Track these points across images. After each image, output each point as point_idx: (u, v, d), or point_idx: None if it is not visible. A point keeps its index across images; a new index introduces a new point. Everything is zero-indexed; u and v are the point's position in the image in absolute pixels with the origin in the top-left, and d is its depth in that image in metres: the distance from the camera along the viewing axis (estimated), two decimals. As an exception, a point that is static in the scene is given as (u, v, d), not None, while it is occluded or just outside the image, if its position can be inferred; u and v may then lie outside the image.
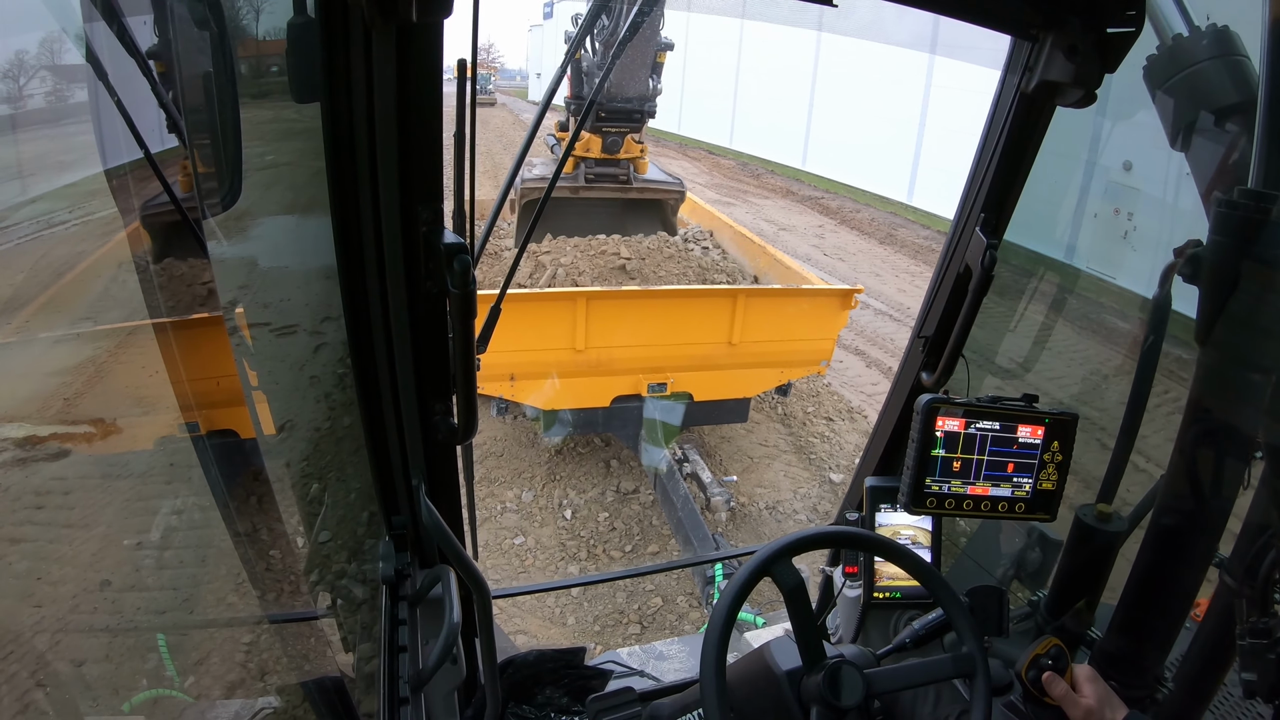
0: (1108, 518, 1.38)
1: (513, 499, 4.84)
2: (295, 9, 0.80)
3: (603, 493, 4.91)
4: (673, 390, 4.68)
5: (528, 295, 4.72)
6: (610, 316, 4.46)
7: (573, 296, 4.45)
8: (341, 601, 1.43)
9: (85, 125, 1.35)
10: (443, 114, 0.89)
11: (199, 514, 2.19)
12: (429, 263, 0.93)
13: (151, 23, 1.40)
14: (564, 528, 4.63)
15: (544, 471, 5.08)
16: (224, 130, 0.95)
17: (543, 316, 4.39)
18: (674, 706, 1.33)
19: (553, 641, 3.76)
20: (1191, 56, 1.17)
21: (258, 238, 1.33)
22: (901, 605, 1.66)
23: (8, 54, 1.68)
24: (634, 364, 4.61)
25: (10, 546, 1.93)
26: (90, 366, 2.21)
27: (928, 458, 1.34)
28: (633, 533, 4.59)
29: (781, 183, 15.82)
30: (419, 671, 1.00)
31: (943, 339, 1.52)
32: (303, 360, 1.38)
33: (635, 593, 4.07)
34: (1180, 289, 1.23)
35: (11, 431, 1.95)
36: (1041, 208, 1.82)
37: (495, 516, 4.70)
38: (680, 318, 4.65)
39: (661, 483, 4.64)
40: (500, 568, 4.30)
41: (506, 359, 4.40)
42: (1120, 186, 1.57)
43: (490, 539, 4.50)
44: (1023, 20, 1.21)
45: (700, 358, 4.67)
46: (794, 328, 4.78)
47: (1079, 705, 1.15)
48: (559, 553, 4.43)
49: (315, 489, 1.42)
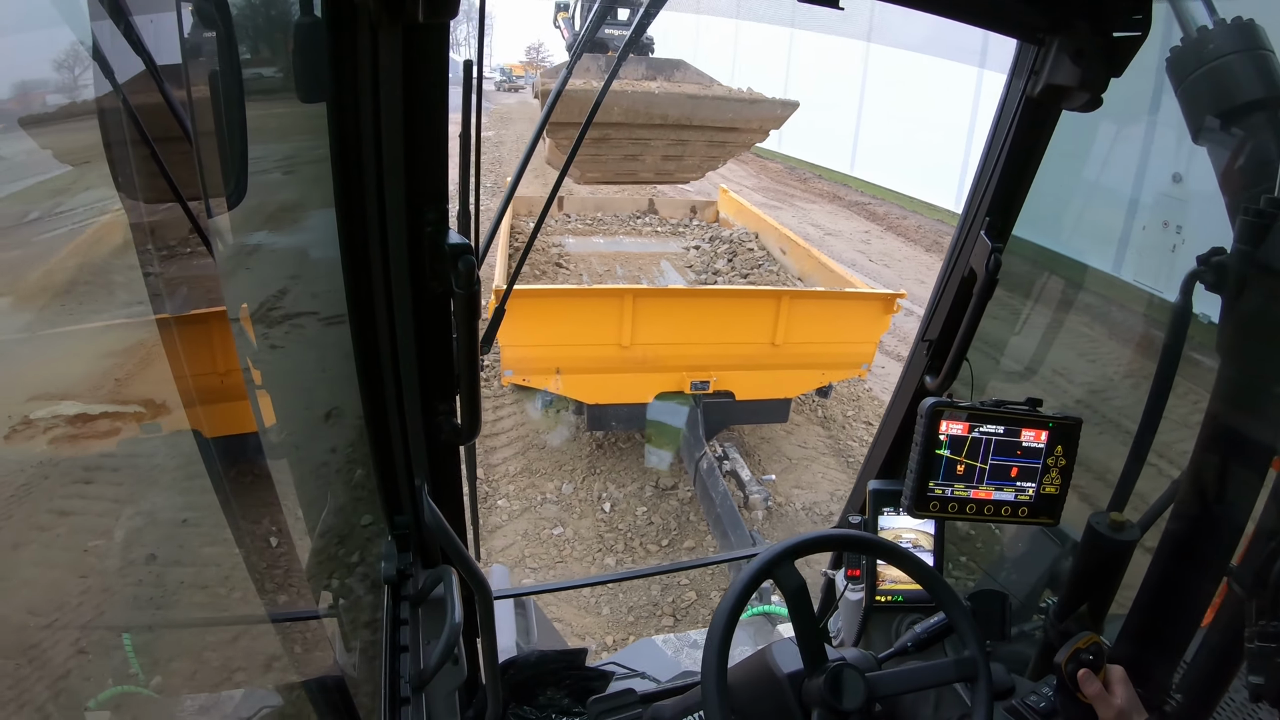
0: (1121, 526, 1.36)
1: (553, 490, 4.92)
2: (302, 9, 0.80)
3: (642, 488, 4.97)
4: (715, 388, 4.78)
5: (575, 290, 4.91)
6: (656, 314, 4.58)
7: (620, 293, 4.57)
8: (343, 601, 1.43)
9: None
10: (448, 115, 0.89)
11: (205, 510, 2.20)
12: (434, 263, 0.93)
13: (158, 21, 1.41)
14: (602, 520, 4.69)
15: (585, 465, 5.15)
16: (230, 129, 0.95)
17: (589, 312, 4.53)
18: (675, 708, 1.33)
19: (587, 630, 3.82)
20: (1215, 50, 1.14)
21: (263, 236, 1.33)
22: (903, 609, 1.66)
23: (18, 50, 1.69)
24: (678, 361, 4.71)
25: (59, 519, 2.01)
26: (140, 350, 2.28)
27: (931, 461, 1.34)
28: (670, 528, 4.64)
29: (829, 187, 15.75)
30: (420, 671, 1.00)
31: (947, 342, 1.51)
32: (306, 359, 1.38)
33: (670, 586, 4.12)
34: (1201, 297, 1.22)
35: (64, 409, 2.01)
36: (1090, 219, 1.81)
37: (535, 507, 4.77)
38: (724, 317, 4.75)
39: (701, 479, 4.69)
40: (538, 557, 4.35)
41: (553, 353, 4.54)
42: (1169, 199, 1.55)
43: (530, 528, 4.56)
44: (1029, 24, 1.21)
45: (743, 357, 4.76)
46: (836, 330, 4.84)
47: (1111, 706, 1.14)
48: (596, 544, 4.48)
49: (318, 488, 1.42)
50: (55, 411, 2.06)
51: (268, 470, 1.45)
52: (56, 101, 1.83)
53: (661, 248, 7.35)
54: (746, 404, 4.93)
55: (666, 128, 5.12)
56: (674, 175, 5.85)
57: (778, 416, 5.20)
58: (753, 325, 4.68)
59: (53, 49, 1.72)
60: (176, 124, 1.36)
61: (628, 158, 5.43)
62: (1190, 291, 1.23)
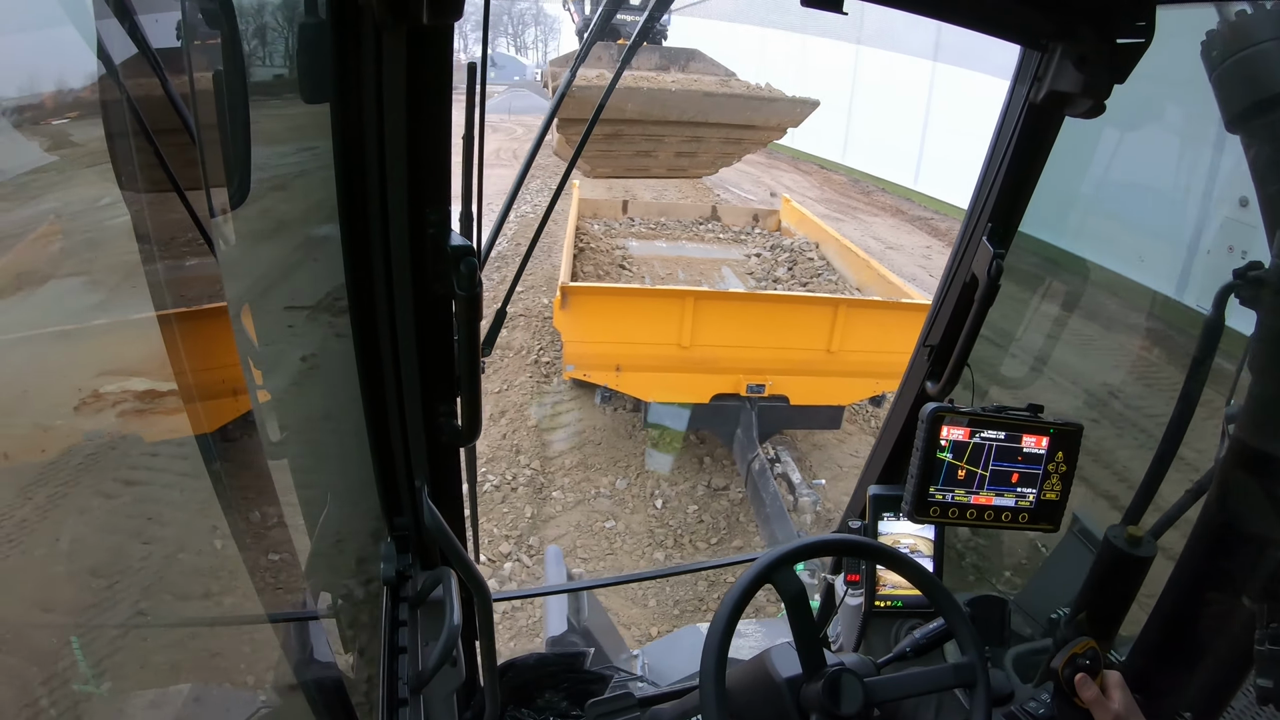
0: (1137, 541, 1.35)
1: (607, 485, 4.99)
2: (306, 9, 0.80)
3: (694, 486, 5.01)
4: (770, 392, 4.86)
5: (639, 290, 5.07)
6: (716, 316, 4.69)
7: (681, 294, 4.73)
8: (342, 602, 1.43)
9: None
10: (452, 117, 0.89)
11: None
12: (436, 265, 0.93)
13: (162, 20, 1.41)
14: (654, 516, 4.75)
15: (639, 462, 5.21)
16: (233, 129, 0.95)
17: (651, 312, 4.73)
18: (674, 712, 1.33)
19: (633, 621, 3.86)
20: (1251, 36, 1.09)
21: (265, 236, 1.33)
22: (903, 614, 1.65)
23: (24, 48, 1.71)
24: (735, 364, 4.80)
25: (125, 488, 2.12)
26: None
27: (932, 466, 1.34)
28: (719, 526, 4.69)
29: (892, 201, 15.60)
30: (419, 673, 1.00)
31: (948, 348, 1.51)
32: (308, 359, 1.38)
33: (716, 583, 4.16)
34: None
35: (134, 385, 2.05)
36: (1155, 243, 1.79)
37: (589, 500, 4.86)
38: (782, 322, 4.83)
39: (753, 479, 4.76)
40: (590, 548, 4.43)
41: (613, 350, 4.70)
42: (1236, 223, 1.53)
43: (582, 520, 4.67)
44: (1032, 30, 1.21)
45: (799, 363, 4.83)
46: (891, 340, 4.86)
47: (1108, 711, 1.14)
48: (647, 539, 4.54)
49: (317, 488, 1.41)
50: (124, 386, 2.12)
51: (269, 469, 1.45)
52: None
53: (723, 254, 7.44)
54: (800, 409, 4.99)
55: (682, 124, 5.13)
56: (687, 171, 5.86)
57: (830, 423, 5.28)
58: (809, 332, 4.76)
59: (56, 47, 1.73)
60: (180, 123, 1.36)
61: (640, 154, 5.44)
62: (1223, 305, 1.20)
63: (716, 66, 5.48)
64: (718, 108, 5.02)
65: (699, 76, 5.28)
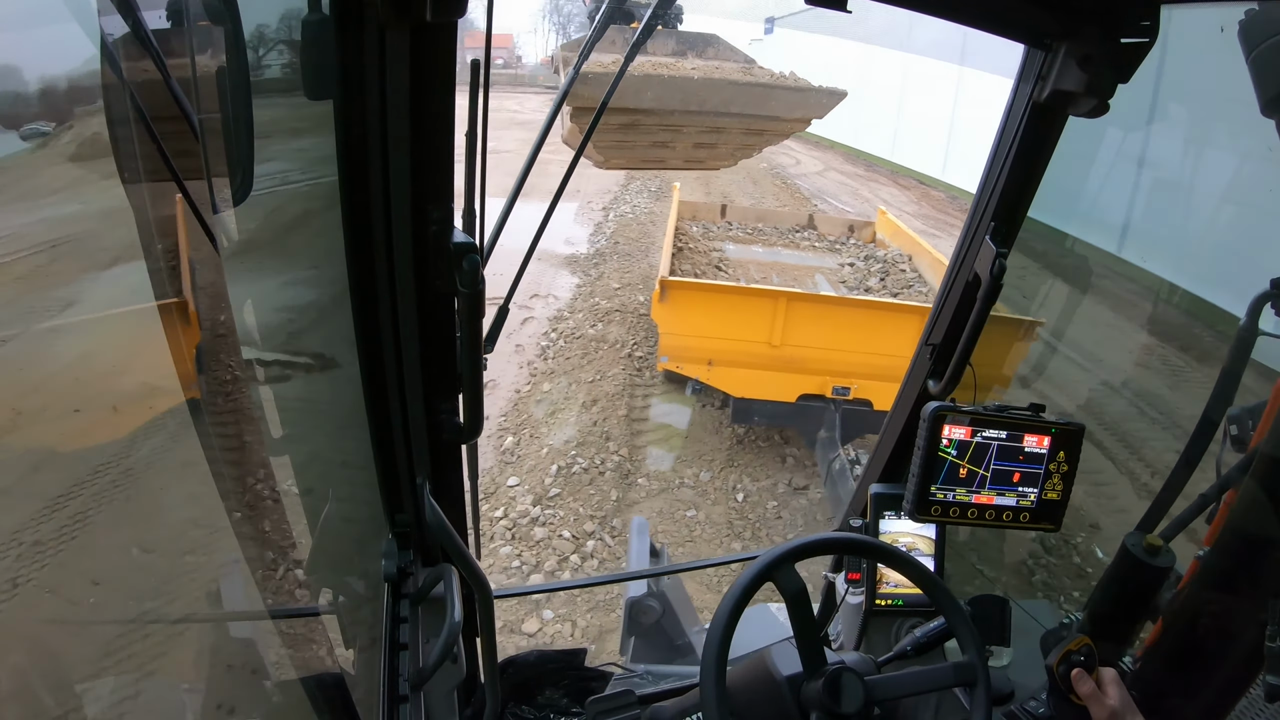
0: (1156, 551, 1.34)
1: (691, 476, 5.11)
2: (310, 6, 0.80)
3: (775, 484, 5.09)
4: (855, 395, 4.96)
5: (735, 288, 5.22)
6: (806, 318, 4.82)
7: (775, 295, 4.90)
8: (343, 598, 1.44)
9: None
10: (455, 114, 0.89)
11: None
12: (438, 262, 0.93)
13: (165, 15, 1.41)
14: (734, 509, 4.82)
15: (723, 457, 5.33)
16: (236, 125, 0.95)
17: (745, 310, 4.89)
18: (674, 709, 1.33)
19: (707, 605, 3.91)
20: None
21: (267, 232, 1.33)
22: (903, 613, 1.65)
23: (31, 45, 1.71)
24: (822, 365, 4.92)
25: (186, 469, 2.20)
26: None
27: (933, 465, 1.34)
28: (797, 524, 4.76)
29: None
30: (419, 670, 1.00)
31: (950, 347, 1.51)
32: (309, 356, 1.38)
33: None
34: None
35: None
36: (1228, 262, 1.75)
37: (672, 489, 4.99)
38: (870, 328, 4.90)
39: (833, 479, 4.82)
40: (670, 534, 4.54)
41: (707, 344, 4.87)
42: None
43: (665, 508, 4.79)
44: (1037, 29, 1.20)
45: (884, 368, 4.87)
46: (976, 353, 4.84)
47: (1104, 706, 1.14)
48: (726, 530, 4.63)
49: (319, 484, 1.42)
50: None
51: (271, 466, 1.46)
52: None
53: (817, 262, 7.54)
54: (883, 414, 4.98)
55: (702, 114, 5.10)
56: (705, 163, 5.80)
57: None
58: (896, 339, 4.78)
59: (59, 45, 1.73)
60: (183, 118, 1.36)
61: (657, 144, 5.38)
62: (1258, 314, 1.19)
63: (735, 53, 5.40)
64: (742, 97, 4.98)
65: (719, 64, 5.23)
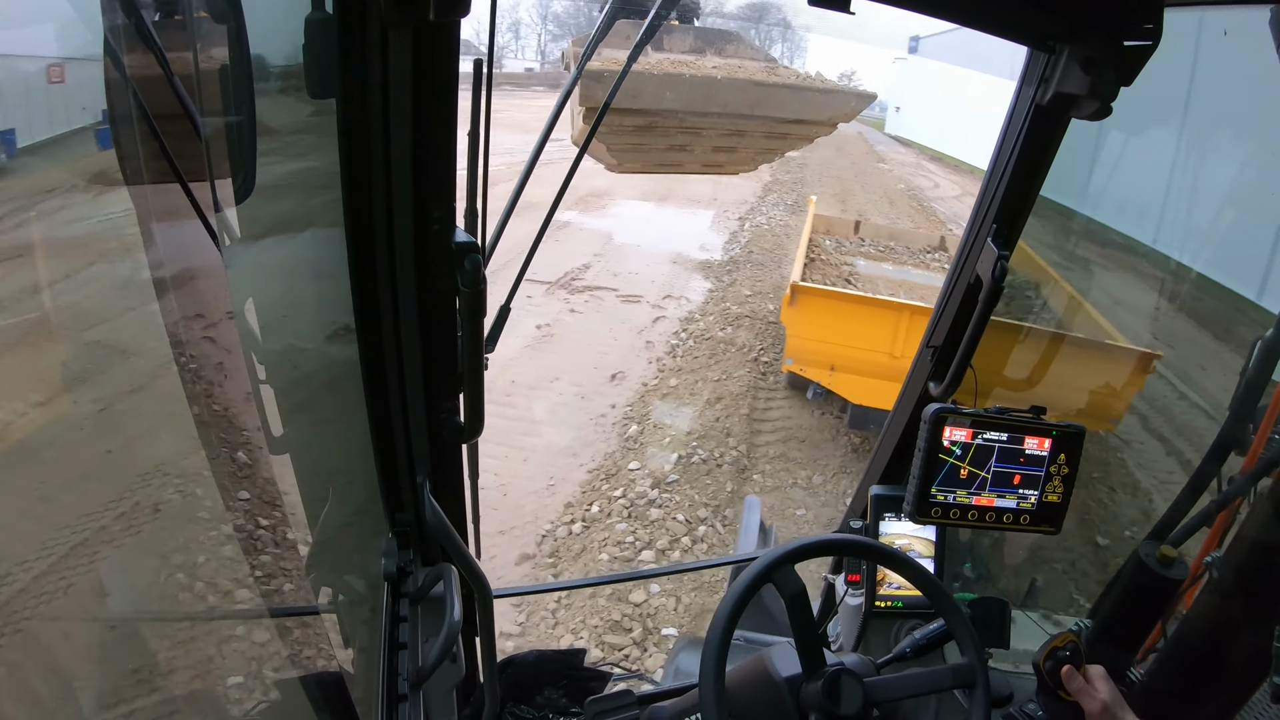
0: (1170, 562, 1.33)
1: (804, 478, 5.28)
2: (314, 5, 0.80)
3: None
4: None
5: (862, 298, 5.40)
6: None
7: (899, 307, 5.08)
8: (343, 597, 1.43)
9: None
10: (458, 113, 0.89)
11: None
12: (440, 261, 0.93)
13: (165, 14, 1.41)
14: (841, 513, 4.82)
15: (837, 463, 5.48)
16: (239, 123, 0.95)
17: (871, 320, 5.06)
18: (673, 710, 1.33)
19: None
20: None
21: (269, 230, 1.33)
22: (903, 614, 1.65)
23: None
24: None
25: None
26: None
27: (934, 467, 1.34)
28: None
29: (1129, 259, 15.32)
30: (418, 669, 1.00)
31: (951, 349, 1.51)
32: (311, 355, 1.38)
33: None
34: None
35: None
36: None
37: (785, 488, 5.20)
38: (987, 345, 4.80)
39: None
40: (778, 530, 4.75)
41: (831, 350, 5.06)
42: None
43: (775, 504, 4.99)
44: (1040, 31, 1.20)
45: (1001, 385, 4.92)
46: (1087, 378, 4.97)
47: (1095, 700, 1.14)
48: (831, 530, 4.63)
49: (320, 483, 1.42)
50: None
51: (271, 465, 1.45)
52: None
53: None
54: None
55: (725, 116, 5.06)
56: (723, 168, 5.73)
57: None
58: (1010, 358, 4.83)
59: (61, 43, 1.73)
60: (186, 117, 1.36)
61: (675, 148, 5.33)
62: None
63: (757, 51, 5.35)
64: (768, 99, 4.92)
65: (740, 62, 5.19)
